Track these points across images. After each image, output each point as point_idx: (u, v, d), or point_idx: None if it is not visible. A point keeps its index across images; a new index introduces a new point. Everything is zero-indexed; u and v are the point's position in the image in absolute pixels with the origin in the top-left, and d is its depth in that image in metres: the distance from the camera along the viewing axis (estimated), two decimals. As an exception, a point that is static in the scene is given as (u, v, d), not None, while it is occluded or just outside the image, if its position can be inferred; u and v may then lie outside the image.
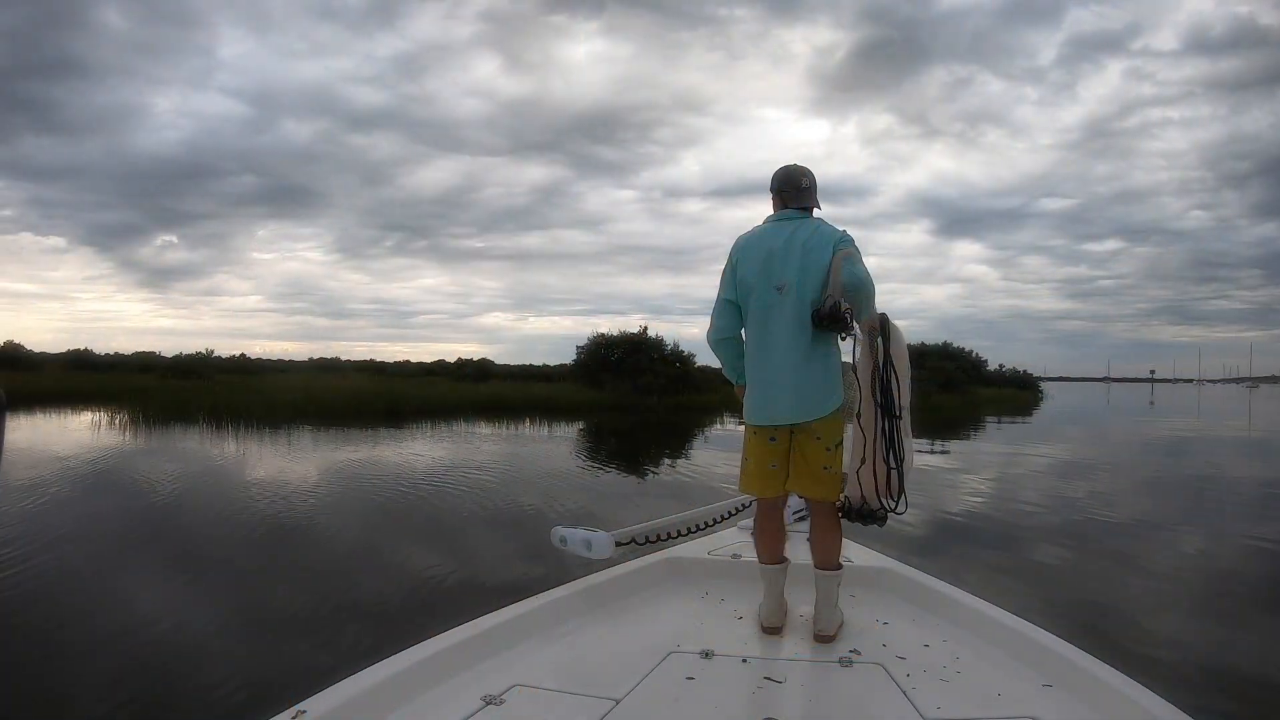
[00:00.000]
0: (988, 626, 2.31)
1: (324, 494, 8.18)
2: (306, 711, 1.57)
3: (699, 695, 1.94)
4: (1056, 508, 8.37)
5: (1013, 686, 1.97)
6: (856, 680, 2.05)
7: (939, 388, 30.14)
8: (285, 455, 11.77)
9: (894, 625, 2.45)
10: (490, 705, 1.79)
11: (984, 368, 43.74)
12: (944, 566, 4.57)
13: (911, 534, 6.16)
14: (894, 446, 2.24)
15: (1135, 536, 6.88)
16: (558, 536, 2.62)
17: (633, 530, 2.78)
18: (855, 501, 2.34)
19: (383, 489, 8.56)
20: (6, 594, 4.41)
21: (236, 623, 4.06)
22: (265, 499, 7.69)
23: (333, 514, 7.03)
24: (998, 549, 6.24)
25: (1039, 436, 19.89)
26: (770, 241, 2.38)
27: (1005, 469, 12.04)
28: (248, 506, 7.31)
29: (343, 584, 4.79)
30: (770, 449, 2.37)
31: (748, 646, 2.25)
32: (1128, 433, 21.87)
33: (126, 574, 5.10)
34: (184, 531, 6.39)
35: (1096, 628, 3.89)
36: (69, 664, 3.42)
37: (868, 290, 2.30)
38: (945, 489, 9.29)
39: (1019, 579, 5.23)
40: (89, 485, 8.64)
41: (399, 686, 1.79)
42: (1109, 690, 1.82)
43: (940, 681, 2.01)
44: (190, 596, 4.55)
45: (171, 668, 3.43)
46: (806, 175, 2.47)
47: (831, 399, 2.32)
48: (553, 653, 2.18)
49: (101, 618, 4.05)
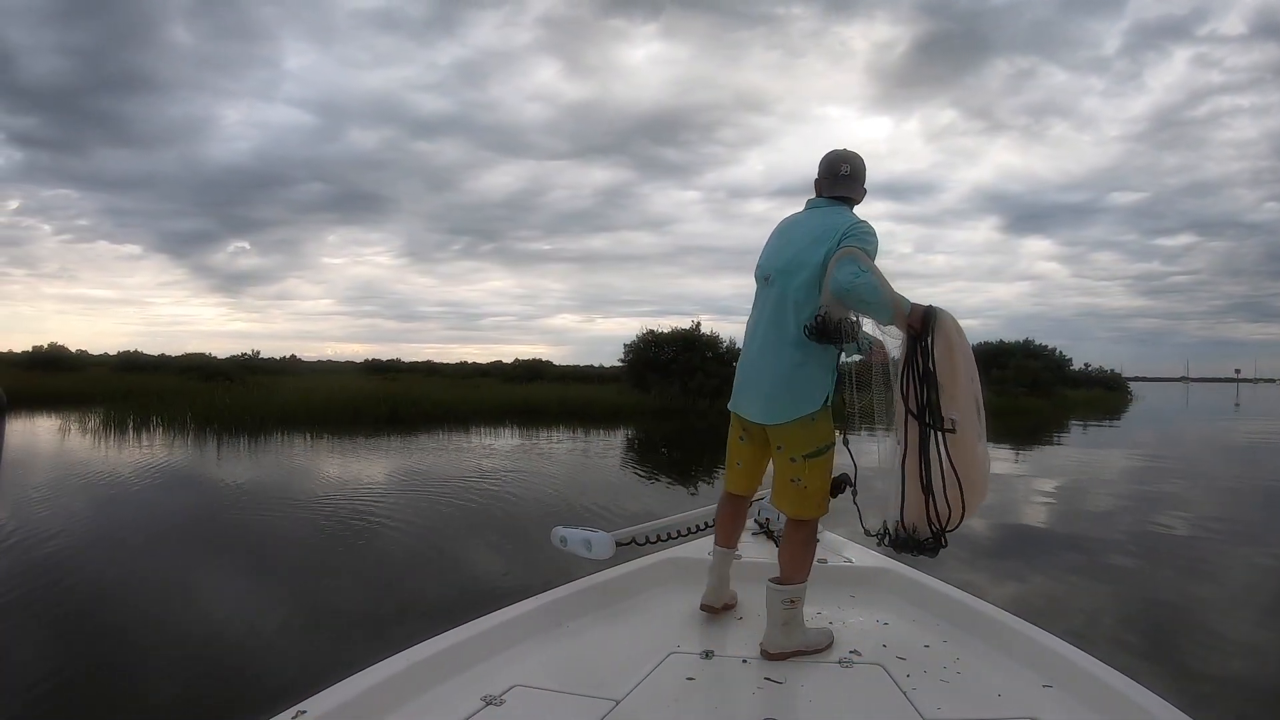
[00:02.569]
0: (988, 627, 2.30)
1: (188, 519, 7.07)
2: (306, 711, 1.58)
3: (699, 696, 1.95)
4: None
5: (1013, 687, 1.97)
6: (857, 681, 2.05)
7: (1026, 389, 26.81)
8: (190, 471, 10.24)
9: (894, 626, 2.44)
10: (490, 706, 1.79)
11: (1067, 367, 40.00)
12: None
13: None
14: (928, 465, 2.07)
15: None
16: (558, 537, 2.59)
17: (633, 530, 2.77)
18: (898, 527, 2.18)
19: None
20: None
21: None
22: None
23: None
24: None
25: (1168, 447, 17.07)
26: (785, 227, 2.31)
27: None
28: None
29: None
30: (738, 446, 2.39)
31: (748, 647, 2.23)
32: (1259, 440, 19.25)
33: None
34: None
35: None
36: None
37: (856, 296, 1.98)
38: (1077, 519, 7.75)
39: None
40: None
41: (399, 687, 1.79)
42: (1110, 691, 1.81)
43: (941, 682, 2.01)
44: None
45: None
46: (849, 162, 2.26)
47: (799, 406, 2.16)
48: (553, 653, 2.18)
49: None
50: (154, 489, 8.76)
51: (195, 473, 10.05)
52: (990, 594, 3.96)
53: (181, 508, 7.70)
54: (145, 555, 5.72)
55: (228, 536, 6.46)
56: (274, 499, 8.07)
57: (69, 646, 3.78)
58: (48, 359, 34.08)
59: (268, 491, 8.56)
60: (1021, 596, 4.93)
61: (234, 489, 8.80)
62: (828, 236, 2.11)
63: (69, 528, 6.34)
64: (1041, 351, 37.36)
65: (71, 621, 4.18)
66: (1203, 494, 9.76)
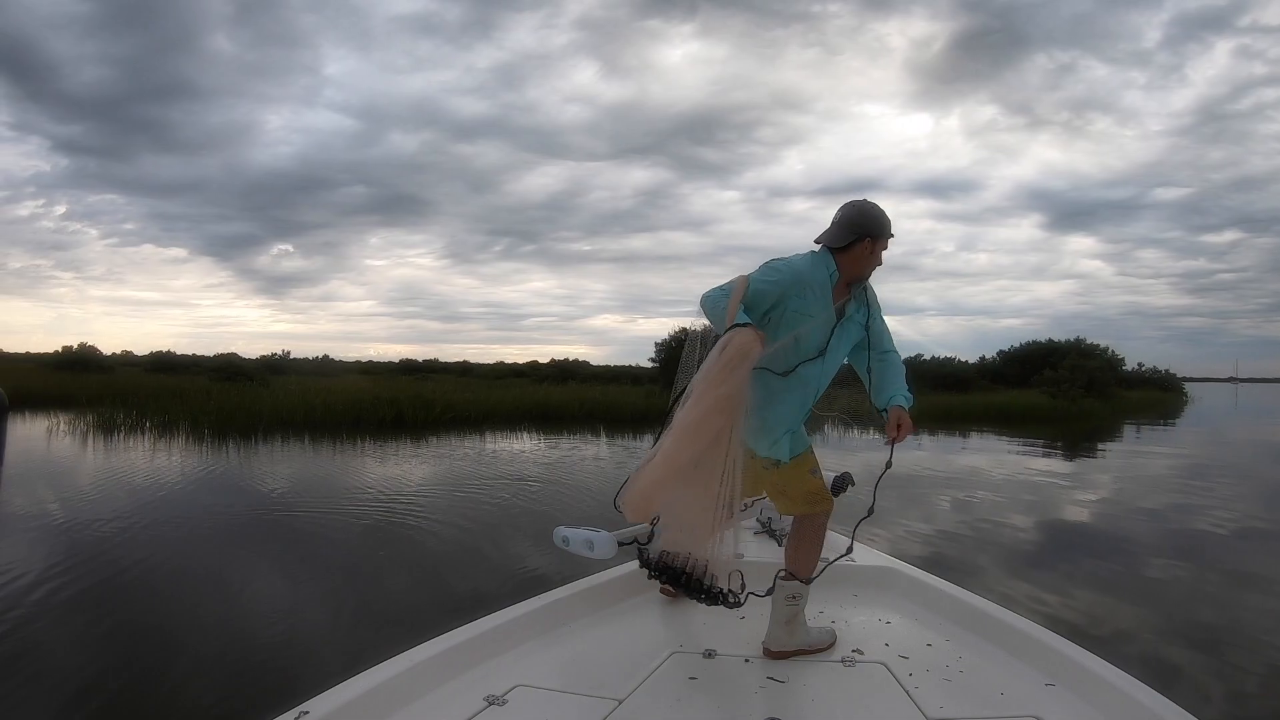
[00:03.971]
0: (990, 626, 2.29)
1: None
2: (310, 712, 1.57)
3: (701, 695, 1.94)
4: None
5: (1016, 685, 1.96)
6: (859, 680, 2.04)
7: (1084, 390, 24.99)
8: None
9: (897, 625, 2.43)
10: (493, 705, 1.79)
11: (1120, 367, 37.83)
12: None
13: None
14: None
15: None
16: (560, 537, 2.56)
17: (636, 530, 2.71)
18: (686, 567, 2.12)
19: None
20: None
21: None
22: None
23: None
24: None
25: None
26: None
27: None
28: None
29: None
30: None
31: (750, 646, 2.23)
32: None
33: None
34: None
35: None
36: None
37: (706, 310, 2.11)
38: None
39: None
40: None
41: (401, 687, 1.79)
42: (1112, 689, 1.81)
43: (943, 681, 2.00)
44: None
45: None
46: (840, 211, 2.25)
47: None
48: (555, 653, 2.17)
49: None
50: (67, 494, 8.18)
51: (127, 480, 9.26)
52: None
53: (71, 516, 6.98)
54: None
55: (115, 551, 5.75)
56: (182, 516, 7.12)
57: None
58: (75, 359, 34.10)
59: (181, 504, 7.76)
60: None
61: (141, 500, 7.93)
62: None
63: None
64: (1094, 351, 35.39)
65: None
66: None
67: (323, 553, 5.90)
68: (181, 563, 5.52)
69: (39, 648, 3.81)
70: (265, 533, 6.60)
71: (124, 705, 3.27)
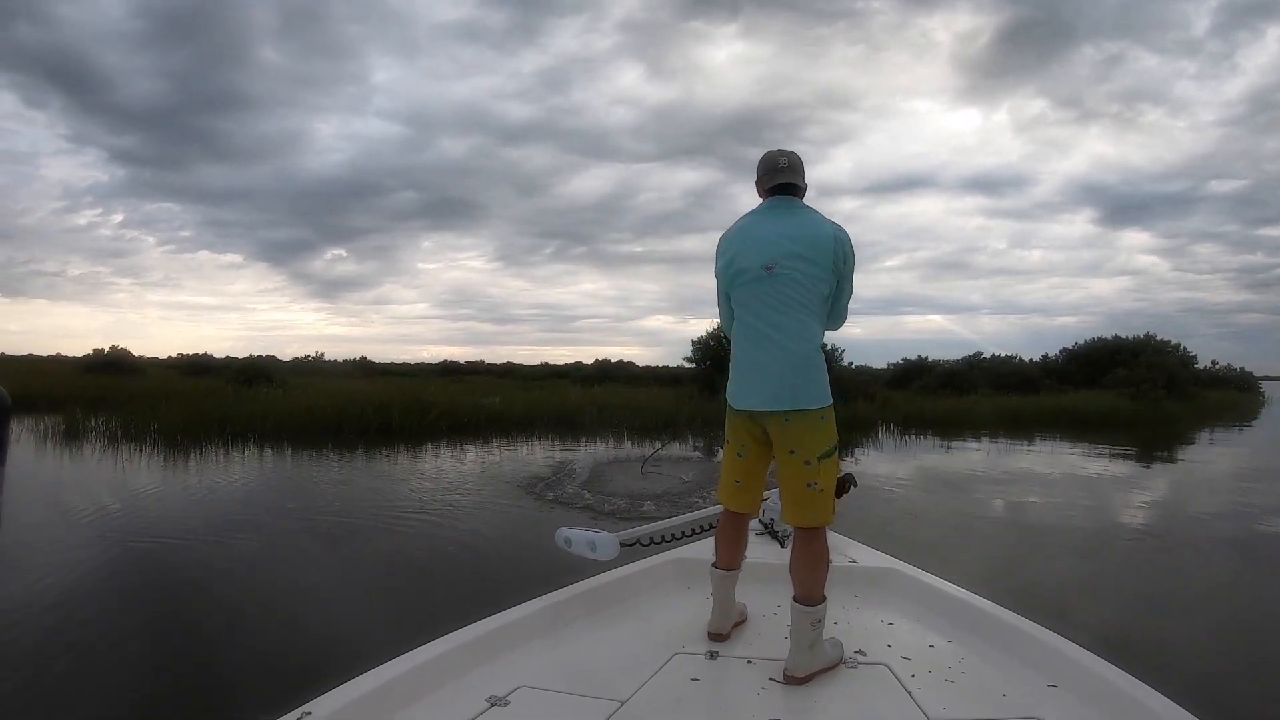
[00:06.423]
0: (993, 627, 2.29)
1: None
2: (312, 713, 1.57)
3: (704, 696, 1.95)
4: None
5: (1018, 687, 1.96)
6: (861, 681, 2.05)
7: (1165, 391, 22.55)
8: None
9: (899, 625, 2.44)
10: (495, 706, 1.79)
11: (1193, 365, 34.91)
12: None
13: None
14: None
15: None
16: (562, 538, 2.57)
17: (638, 531, 2.75)
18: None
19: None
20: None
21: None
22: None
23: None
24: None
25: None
26: (754, 225, 2.34)
27: None
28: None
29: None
30: (736, 464, 2.34)
31: (753, 647, 2.24)
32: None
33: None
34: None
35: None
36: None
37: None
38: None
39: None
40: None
41: (404, 687, 1.79)
42: (1115, 690, 1.81)
43: (945, 682, 2.01)
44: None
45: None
46: (785, 155, 2.33)
47: (816, 396, 2.14)
48: (557, 654, 2.18)
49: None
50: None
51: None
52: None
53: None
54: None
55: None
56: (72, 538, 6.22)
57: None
58: (107, 362, 34.14)
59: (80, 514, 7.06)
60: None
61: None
62: (821, 241, 2.16)
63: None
64: (1165, 348, 32.64)
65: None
66: None
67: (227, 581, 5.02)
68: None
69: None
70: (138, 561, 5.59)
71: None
